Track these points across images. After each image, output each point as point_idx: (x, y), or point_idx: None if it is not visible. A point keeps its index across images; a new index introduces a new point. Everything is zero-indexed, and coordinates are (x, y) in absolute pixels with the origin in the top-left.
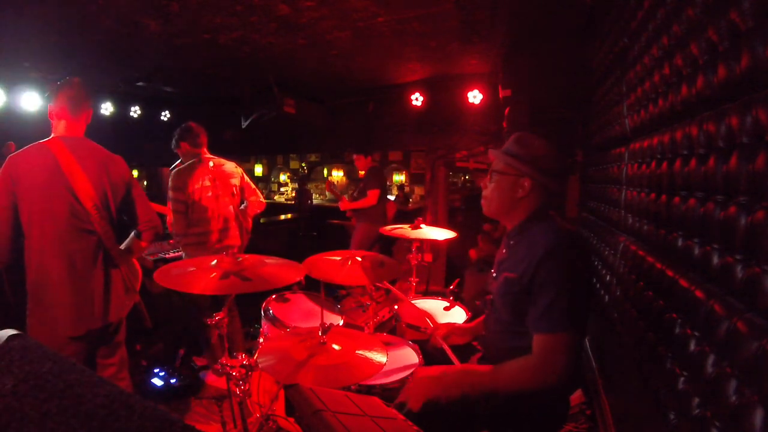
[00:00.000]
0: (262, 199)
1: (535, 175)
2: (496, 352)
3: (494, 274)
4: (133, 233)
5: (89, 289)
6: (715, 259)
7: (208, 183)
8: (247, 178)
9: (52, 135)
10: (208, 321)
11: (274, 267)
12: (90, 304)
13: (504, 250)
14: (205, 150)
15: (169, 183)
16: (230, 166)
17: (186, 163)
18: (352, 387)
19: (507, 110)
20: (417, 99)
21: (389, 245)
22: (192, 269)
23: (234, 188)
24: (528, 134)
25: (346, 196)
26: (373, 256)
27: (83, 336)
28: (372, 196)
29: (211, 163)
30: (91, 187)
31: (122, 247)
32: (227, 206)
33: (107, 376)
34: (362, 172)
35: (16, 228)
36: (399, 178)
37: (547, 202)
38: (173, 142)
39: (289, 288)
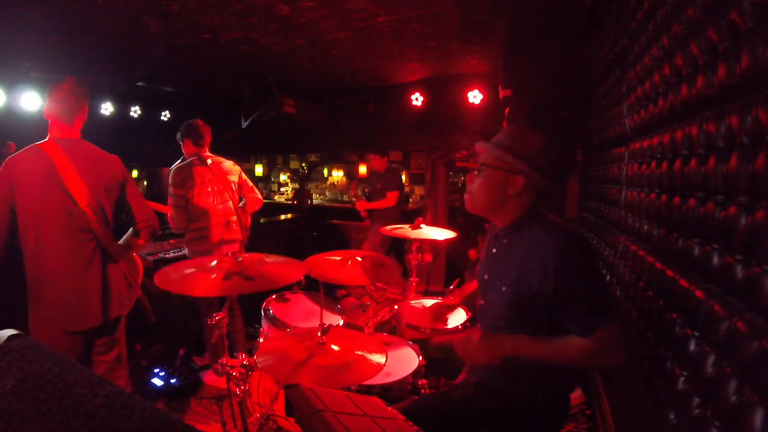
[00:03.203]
0: (259, 196)
1: (530, 172)
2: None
3: (486, 277)
4: (131, 230)
5: (86, 287)
6: (715, 259)
7: (206, 179)
8: (244, 176)
9: (48, 137)
10: (209, 321)
11: (276, 265)
12: (86, 301)
13: (494, 250)
14: (207, 149)
15: (169, 180)
16: (228, 164)
17: (186, 161)
18: (352, 387)
19: (507, 110)
20: (417, 99)
21: (400, 246)
22: (192, 271)
23: (233, 184)
24: (523, 128)
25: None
26: (374, 256)
27: (79, 332)
28: (391, 198)
29: (209, 161)
30: (86, 189)
31: (120, 242)
32: (227, 201)
33: (100, 373)
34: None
35: (11, 230)
36: None
37: (540, 200)
38: (178, 134)
39: (289, 288)
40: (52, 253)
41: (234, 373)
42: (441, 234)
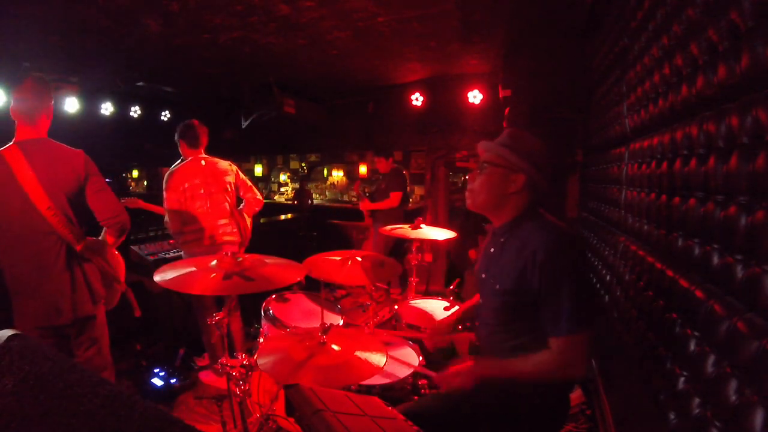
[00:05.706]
0: (259, 196)
1: (530, 171)
2: (496, 355)
3: (483, 276)
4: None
5: (55, 286)
6: (715, 259)
7: (199, 181)
8: (242, 176)
9: (13, 140)
10: (209, 321)
11: (275, 267)
12: (55, 300)
13: (492, 249)
14: (202, 151)
15: (163, 183)
16: (224, 164)
17: (179, 163)
18: (352, 387)
19: (507, 110)
20: (417, 99)
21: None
22: (192, 270)
23: (228, 185)
24: (523, 131)
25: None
26: (374, 256)
27: (49, 328)
28: (394, 198)
29: (203, 162)
30: (45, 192)
31: (98, 240)
32: (222, 203)
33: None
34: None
35: None
36: None
37: (537, 200)
38: (175, 135)
39: (289, 288)
40: (19, 257)
41: (234, 373)
42: (441, 234)
